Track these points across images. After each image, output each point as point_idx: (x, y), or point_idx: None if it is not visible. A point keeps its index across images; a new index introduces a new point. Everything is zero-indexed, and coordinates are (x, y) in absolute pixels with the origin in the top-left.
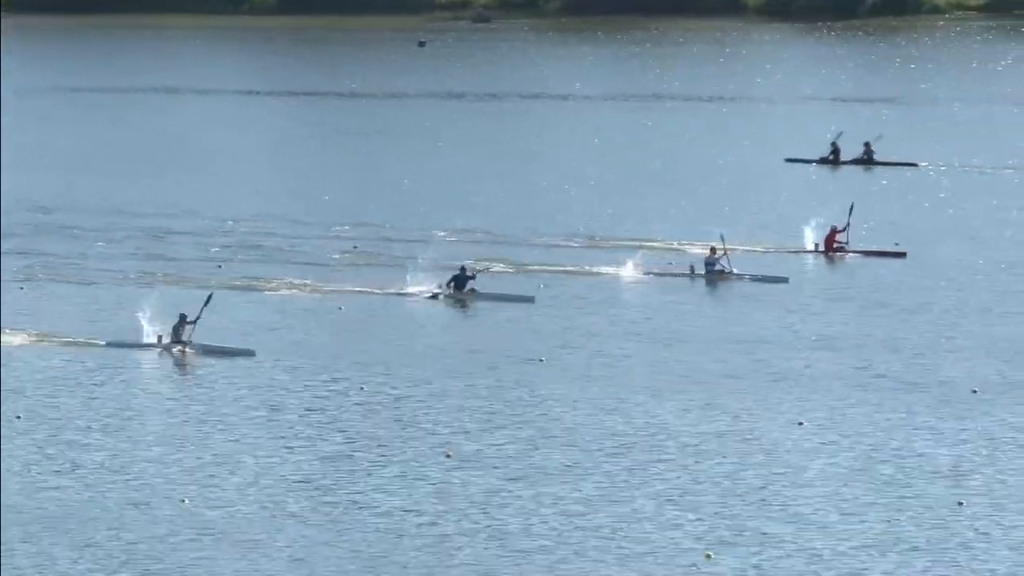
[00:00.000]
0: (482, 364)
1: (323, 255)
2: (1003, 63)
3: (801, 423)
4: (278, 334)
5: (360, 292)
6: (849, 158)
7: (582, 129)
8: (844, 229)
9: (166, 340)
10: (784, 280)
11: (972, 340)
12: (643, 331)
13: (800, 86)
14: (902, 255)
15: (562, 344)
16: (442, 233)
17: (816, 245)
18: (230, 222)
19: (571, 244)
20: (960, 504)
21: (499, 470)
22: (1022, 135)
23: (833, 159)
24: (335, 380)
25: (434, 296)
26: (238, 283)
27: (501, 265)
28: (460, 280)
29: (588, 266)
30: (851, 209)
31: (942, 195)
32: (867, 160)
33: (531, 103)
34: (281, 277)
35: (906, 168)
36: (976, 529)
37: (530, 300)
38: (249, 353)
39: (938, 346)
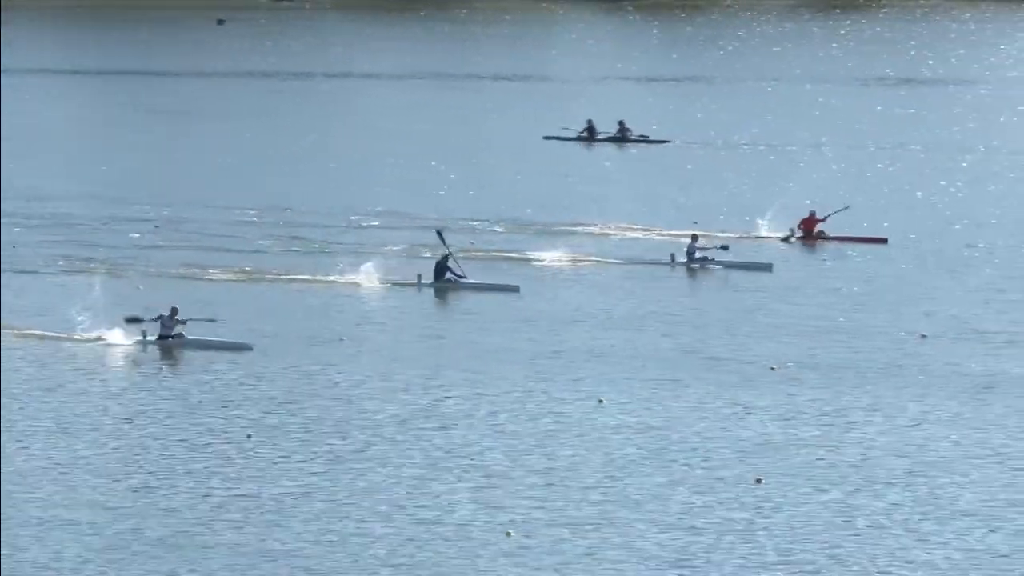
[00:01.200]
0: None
1: (123, 237)
2: (798, 44)
3: (601, 400)
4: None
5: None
6: (604, 136)
7: (376, 108)
8: (825, 219)
9: (152, 336)
10: (768, 268)
11: (777, 318)
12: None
13: (596, 66)
14: (883, 241)
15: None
16: (252, 212)
17: (792, 231)
18: (26, 201)
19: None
20: (759, 481)
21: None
22: (794, 114)
23: (588, 136)
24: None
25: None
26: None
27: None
28: (440, 268)
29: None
30: (842, 209)
31: (692, 171)
32: (621, 138)
33: (332, 82)
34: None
35: (659, 145)
36: (773, 506)
37: (515, 290)
38: (246, 347)
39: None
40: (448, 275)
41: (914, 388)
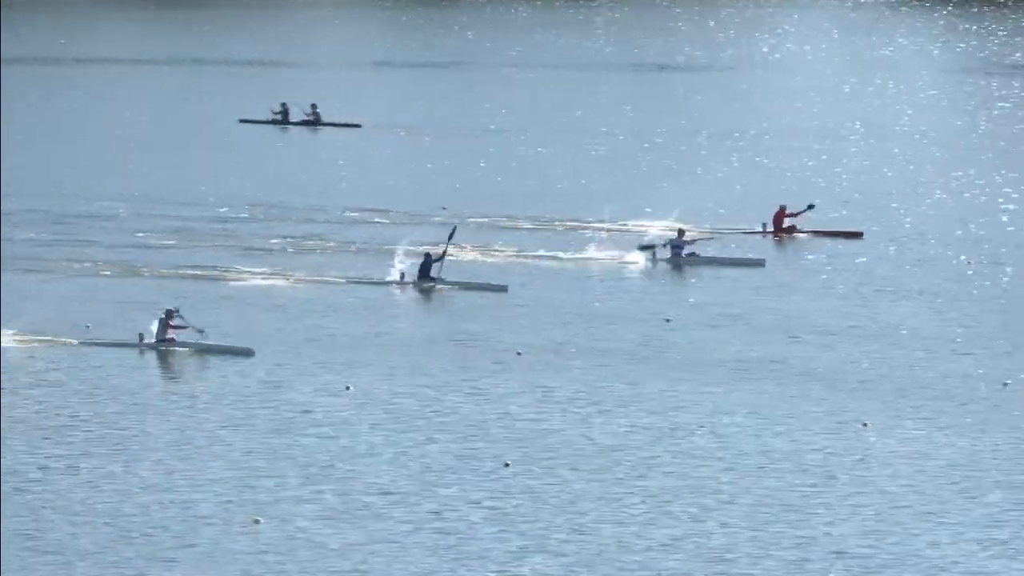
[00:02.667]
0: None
1: None
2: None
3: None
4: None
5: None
6: (297, 119)
7: (100, 92)
8: (798, 214)
9: (149, 339)
10: (761, 263)
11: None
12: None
13: (334, 52)
14: (858, 235)
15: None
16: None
17: (764, 225)
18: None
19: None
20: (506, 465)
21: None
22: (519, 99)
23: (282, 119)
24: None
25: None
26: None
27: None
28: (425, 266)
29: None
30: (811, 207)
31: (385, 154)
32: (314, 121)
33: (75, 68)
34: None
35: (350, 128)
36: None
37: (503, 289)
38: (248, 352)
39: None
40: (433, 274)
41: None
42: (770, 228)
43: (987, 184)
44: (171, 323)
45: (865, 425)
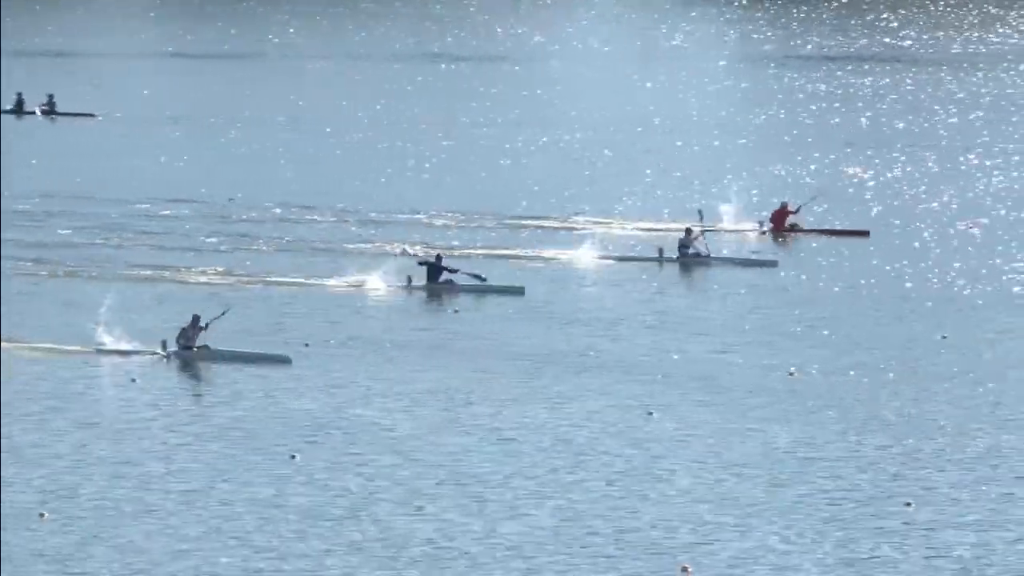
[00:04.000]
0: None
1: None
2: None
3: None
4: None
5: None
6: (32, 108)
7: None
8: (798, 210)
9: (172, 347)
10: (773, 264)
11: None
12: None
13: (114, 42)
14: (865, 234)
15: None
16: None
17: (760, 223)
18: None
19: None
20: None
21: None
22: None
23: (17, 109)
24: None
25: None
26: None
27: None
28: (433, 270)
29: None
30: (814, 197)
31: (116, 143)
32: (49, 111)
33: None
34: None
35: (85, 118)
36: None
37: (519, 292)
38: (284, 360)
39: None
40: (444, 276)
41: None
42: (769, 226)
43: (778, 173)
44: (201, 327)
45: (651, 414)
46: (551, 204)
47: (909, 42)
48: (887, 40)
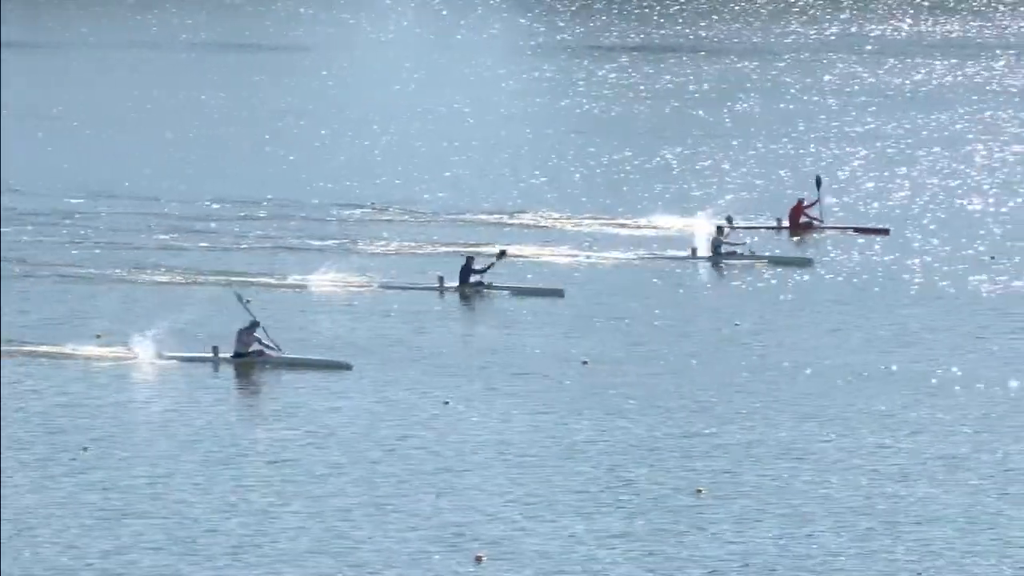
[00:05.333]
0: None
1: None
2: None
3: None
4: None
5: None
6: None
7: None
8: (813, 204)
9: (226, 353)
10: (808, 263)
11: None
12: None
13: None
14: (885, 232)
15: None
16: None
17: (779, 220)
18: None
19: None
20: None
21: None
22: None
23: None
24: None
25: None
26: None
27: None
28: (465, 271)
29: None
30: (818, 183)
31: None
32: None
33: None
34: None
35: None
36: None
37: (559, 294)
38: (345, 366)
39: None
40: (475, 277)
41: None
42: (785, 223)
43: (578, 162)
44: (256, 335)
45: (447, 403)
46: (355, 194)
47: (710, 32)
48: (689, 31)
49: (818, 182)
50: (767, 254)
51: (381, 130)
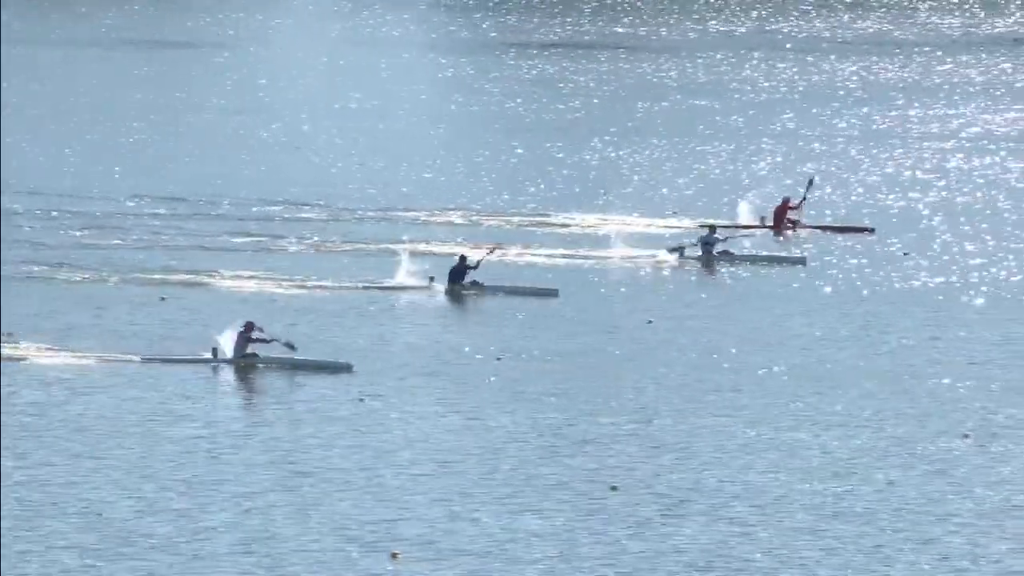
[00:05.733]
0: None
1: None
2: None
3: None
4: None
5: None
6: None
7: None
8: (799, 205)
9: (226, 354)
10: (802, 261)
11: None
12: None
13: None
14: (870, 231)
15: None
16: None
17: (763, 219)
18: None
19: None
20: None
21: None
22: None
23: None
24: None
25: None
26: None
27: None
28: (457, 272)
29: None
30: (810, 184)
31: None
32: None
33: None
34: None
35: None
36: None
37: (554, 294)
38: (346, 368)
39: None
40: (469, 276)
41: None
42: (770, 222)
43: (488, 159)
44: (252, 336)
45: (362, 400)
46: (270, 191)
47: (623, 29)
48: (607, 28)
49: (810, 183)
50: (752, 253)
51: (292, 126)
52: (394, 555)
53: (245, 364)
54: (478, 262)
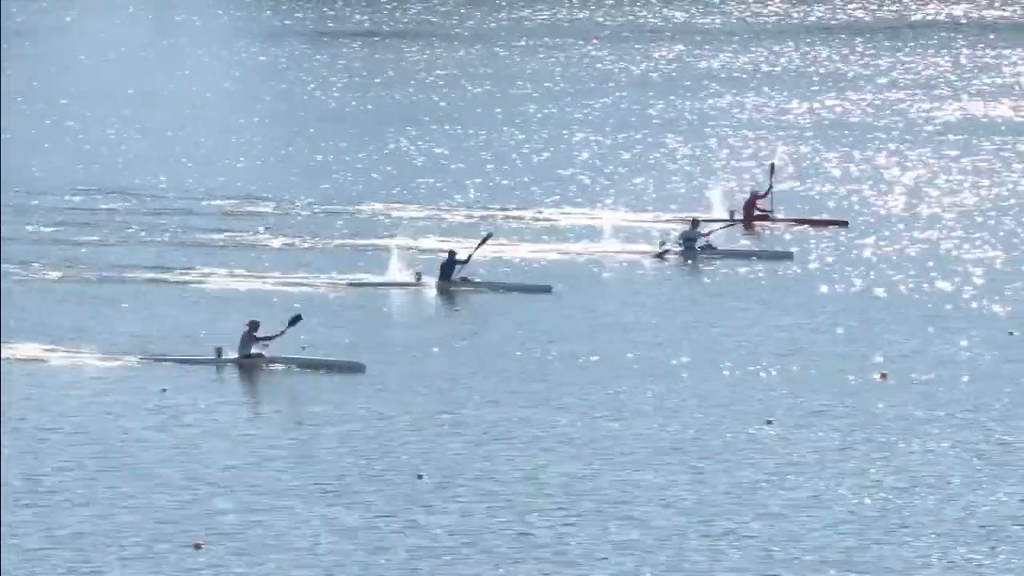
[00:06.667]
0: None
1: None
2: None
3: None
4: None
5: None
6: None
7: None
8: (766, 194)
9: (231, 354)
10: (788, 256)
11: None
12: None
13: None
14: (843, 223)
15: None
16: None
17: (732, 213)
18: None
19: None
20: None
21: None
22: None
23: None
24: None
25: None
26: None
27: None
28: (447, 266)
29: None
30: (772, 170)
31: None
32: None
33: None
34: None
35: None
36: None
37: (546, 291)
38: (358, 368)
39: None
40: (458, 270)
41: None
42: (739, 216)
43: (298, 150)
44: (256, 335)
45: (164, 391)
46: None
47: (437, 18)
48: (420, 16)
49: (771, 170)
50: (731, 248)
51: (100, 115)
52: (197, 546)
53: (250, 364)
54: (469, 256)
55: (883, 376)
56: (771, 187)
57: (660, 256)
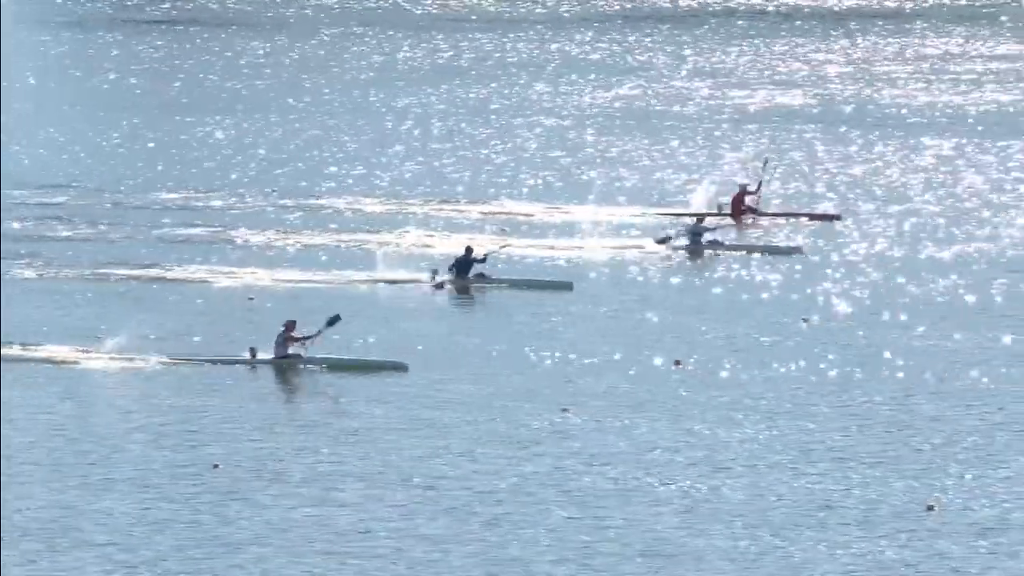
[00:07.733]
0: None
1: None
2: None
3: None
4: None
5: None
6: None
7: None
8: (757, 190)
9: (265, 355)
10: (799, 251)
11: None
12: None
13: None
14: (836, 218)
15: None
16: None
17: (720, 208)
18: None
19: None
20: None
21: None
22: None
23: None
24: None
25: (438, 286)
26: None
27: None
28: (463, 264)
29: None
30: (765, 164)
31: None
32: None
33: None
34: None
35: None
36: None
37: (567, 287)
38: (401, 367)
39: None
40: (477, 268)
41: None
42: (727, 211)
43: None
44: (293, 335)
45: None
46: None
47: (240, 7)
48: (224, 4)
49: (765, 163)
50: (741, 243)
51: None
52: None
53: (287, 365)
54: (485, 255)
55: (677, 363)
56: (761, 183)
57: (664, 241)
